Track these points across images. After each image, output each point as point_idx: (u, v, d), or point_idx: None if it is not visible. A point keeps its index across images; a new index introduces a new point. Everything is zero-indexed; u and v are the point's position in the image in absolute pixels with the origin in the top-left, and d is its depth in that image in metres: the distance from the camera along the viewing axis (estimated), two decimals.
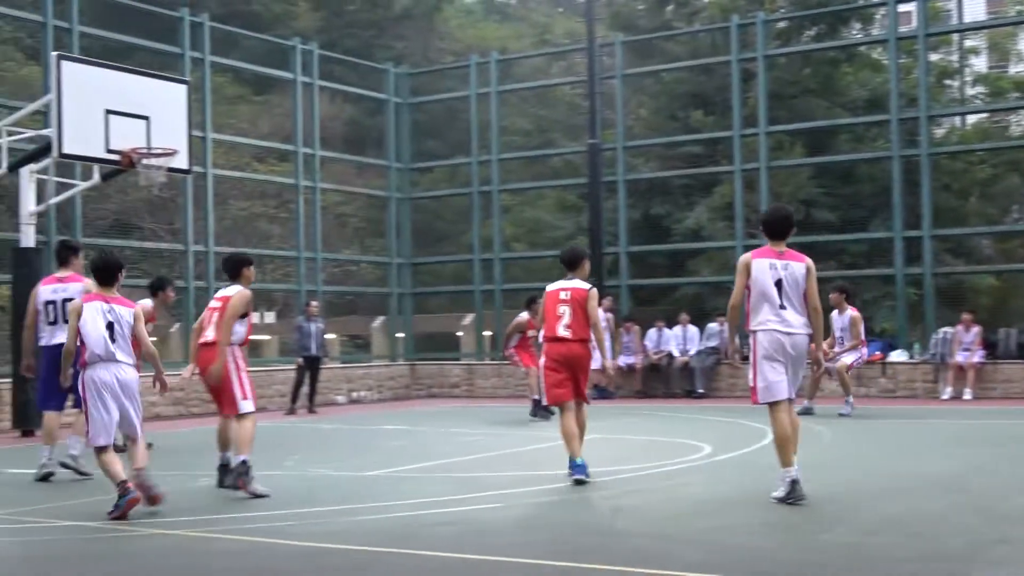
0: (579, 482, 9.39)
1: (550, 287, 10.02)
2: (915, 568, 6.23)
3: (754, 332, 8.47)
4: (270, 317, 31.13)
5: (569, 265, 10.02)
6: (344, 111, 37.52)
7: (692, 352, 21.34)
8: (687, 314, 21.95)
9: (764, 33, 22.33)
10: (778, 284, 8.41)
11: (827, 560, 6.45)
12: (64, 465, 10.51)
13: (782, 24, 25.96)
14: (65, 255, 11.36)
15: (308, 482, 10.18)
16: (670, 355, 21.45)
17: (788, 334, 8.38)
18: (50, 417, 10.82)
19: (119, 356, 8.54)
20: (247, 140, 25.96)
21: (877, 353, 20.03)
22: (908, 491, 8.98)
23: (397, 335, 25.39)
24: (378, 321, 28.58)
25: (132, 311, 8.74)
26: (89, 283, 10.23)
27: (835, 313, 16.35)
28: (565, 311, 9.73)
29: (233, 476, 9.27)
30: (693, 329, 21.61)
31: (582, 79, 25.39)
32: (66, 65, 14.59)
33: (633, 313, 22.67)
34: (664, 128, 25.83)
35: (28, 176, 15.92)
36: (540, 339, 10.29)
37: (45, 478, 10.34)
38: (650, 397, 21.17)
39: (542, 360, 9.97)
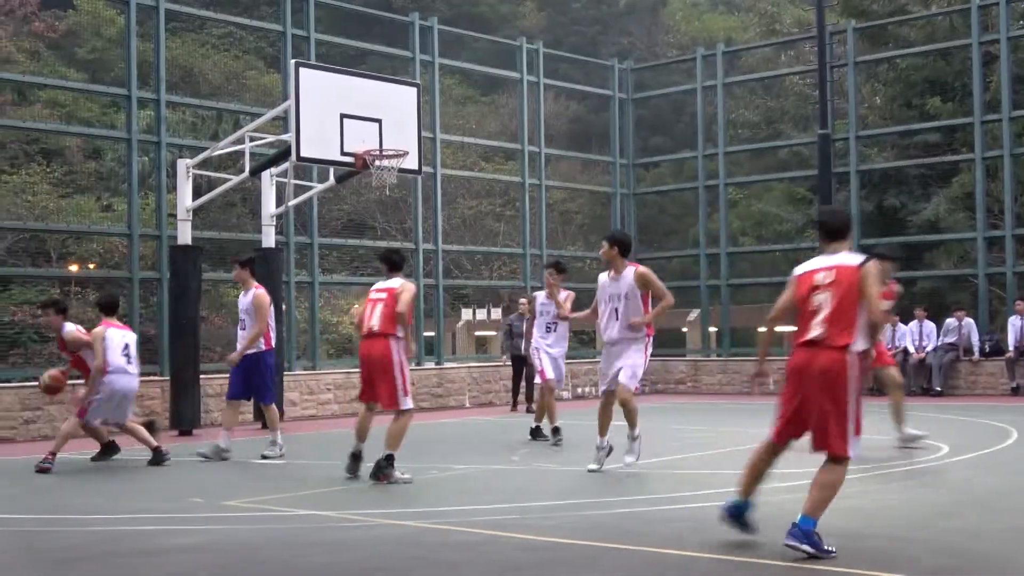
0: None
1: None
2: None
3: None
4: (496, 313, 31.69)
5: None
6: (569, 108, 37.90)
7: (929, 348, 20.49)
8: (924, 309, 21.10)
9: (1007, 13, 21.18)
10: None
11: None
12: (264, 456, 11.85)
13: None
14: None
15: (534, 476, 10.30)
16: (905, 351, 20.65)
17: None
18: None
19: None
20: (474, 140, 26.46)
21: None
22: None
23: None
24: None
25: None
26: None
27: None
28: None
29: (376, 469, 9.59)
30: (930, 324, 20.74)
31: (812, 68, 24.75)
32: (304, 72, 15.16)
33: None
34: (899, 116, 24.89)
35: (269, 179, 16.72)
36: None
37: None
38: (884, 395, 20.40)
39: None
